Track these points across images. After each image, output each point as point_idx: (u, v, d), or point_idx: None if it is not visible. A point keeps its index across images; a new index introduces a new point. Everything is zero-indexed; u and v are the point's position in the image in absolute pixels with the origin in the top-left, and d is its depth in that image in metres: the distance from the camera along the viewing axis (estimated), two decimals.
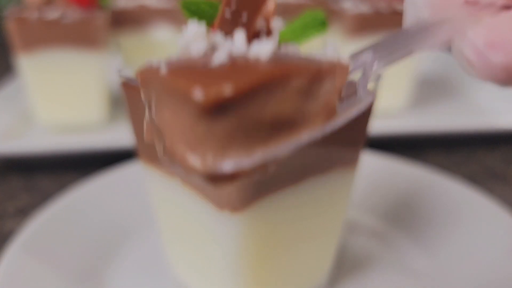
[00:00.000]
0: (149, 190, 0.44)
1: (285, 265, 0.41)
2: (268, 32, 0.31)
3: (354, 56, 0.29)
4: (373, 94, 0.37)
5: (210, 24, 0.38)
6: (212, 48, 0.29)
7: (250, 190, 0.33)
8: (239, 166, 0.24)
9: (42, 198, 0.66)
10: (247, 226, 0.35)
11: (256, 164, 0.24)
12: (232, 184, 0.31)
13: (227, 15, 0.31)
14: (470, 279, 0.46)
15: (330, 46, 0.29)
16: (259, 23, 0.30)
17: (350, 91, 0.29)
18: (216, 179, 0.24)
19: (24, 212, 0.63)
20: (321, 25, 0.38)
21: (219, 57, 0.26)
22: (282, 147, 0.25)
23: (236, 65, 0.26)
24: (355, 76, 0.29)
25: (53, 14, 0.80)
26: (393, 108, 0.97)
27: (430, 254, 0.51)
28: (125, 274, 0.49)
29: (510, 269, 0.46)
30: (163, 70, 0.26)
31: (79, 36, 0.82)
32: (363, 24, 0.88)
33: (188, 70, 0.26)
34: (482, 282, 0.45)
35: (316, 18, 0.38)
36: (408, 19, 0.30)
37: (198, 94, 0.22)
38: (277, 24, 0.31)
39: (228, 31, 0.30)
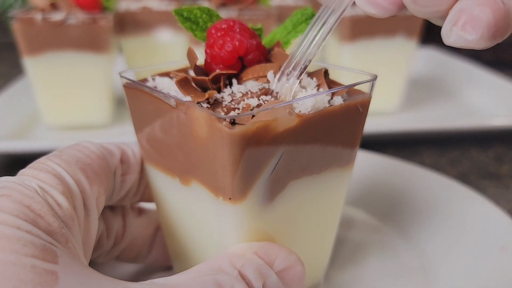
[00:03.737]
0: (152, 189, 0.44)
1: None
2: None
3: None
4: (368, 94, 0.38)
5: (203, 29, 0.39)
6: None
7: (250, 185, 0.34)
8: None
9: None
10: (247, 222, 0.35)
11: None
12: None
13: None
14: (463, 276, 0.47)
15: None
16: None
17: None
18: None
19: None
20: (311, 19, 0.38)
21: None
22: None
23: None
24: None
25: (58, 16, 0.81)
26: (388, 108, 0.98)
27: (422, 250, 0.52)
28: (126, 267, 0.49)
29: (501, 266, 0.46)
30: None
31: (84, 38, 0.83)
32: (358, 26, 0.90)
33: None
34: (474, 278, 0.46)
35: (306, 13, 0.40)
36: None
37: None
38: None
39: None
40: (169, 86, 0.37)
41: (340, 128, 0.37)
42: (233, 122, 0.31)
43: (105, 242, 0.43)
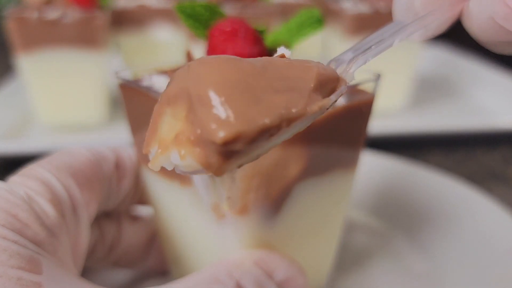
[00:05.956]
0: (148, 193, 0.44)
1: None
2: None
3: (335, 59, 0.29)
4: (372, 94, 0.37)
5: (206, 27, 0.38)
6: None
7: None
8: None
9: None
10: (251, 231, 0.35)
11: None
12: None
13: None
14: (469, 279, 0.46)
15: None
16: None
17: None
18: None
19: None
20: (317, 23, 0.38)
21: None
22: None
23: None
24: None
25: (53, 14, 0.81)
26: (393, 108, 0.98)
27: (429, 254, 0.51)
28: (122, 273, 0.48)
29: (508, 269, 0.46)
30: None
31: (79, 36, 0.82)
32: (362, 24, 0.88)
33: None
34: (480, 282, 0.45)
35: (312, 16, 0.38)
36: (398, 9, 0.31)
37: None
38: None
39: None
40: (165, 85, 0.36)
41: (342, 129, 0.36)
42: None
43: (100, 249, 0.42)
